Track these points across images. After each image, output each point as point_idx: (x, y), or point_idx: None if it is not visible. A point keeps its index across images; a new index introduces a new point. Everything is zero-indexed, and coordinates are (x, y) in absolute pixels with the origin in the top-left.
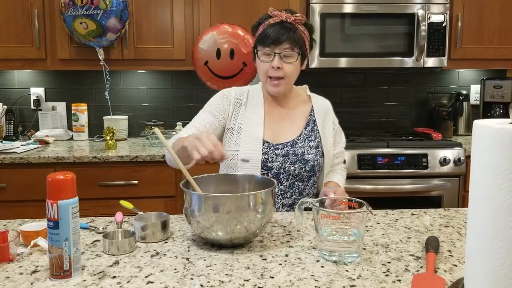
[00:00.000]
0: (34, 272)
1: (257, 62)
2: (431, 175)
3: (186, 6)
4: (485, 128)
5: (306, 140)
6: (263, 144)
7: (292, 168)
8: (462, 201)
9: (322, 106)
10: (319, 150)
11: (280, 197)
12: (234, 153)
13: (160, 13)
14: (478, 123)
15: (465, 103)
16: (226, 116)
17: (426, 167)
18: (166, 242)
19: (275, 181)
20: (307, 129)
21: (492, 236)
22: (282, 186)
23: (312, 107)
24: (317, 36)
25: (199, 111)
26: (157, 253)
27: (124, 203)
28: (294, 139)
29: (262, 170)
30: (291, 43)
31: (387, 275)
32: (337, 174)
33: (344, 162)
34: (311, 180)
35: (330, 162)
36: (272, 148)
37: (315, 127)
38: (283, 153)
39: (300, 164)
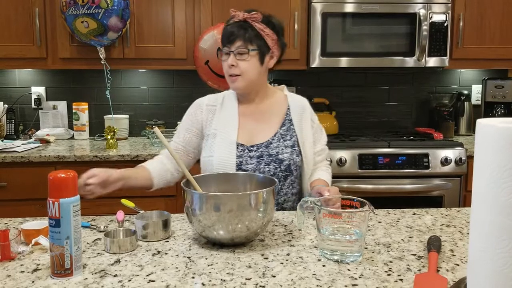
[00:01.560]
0: (35, 270)
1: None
2: (432, 175)
3: (187, 5)
4: (488, 127)
5: (281, 140)
6: (237, 147)
7: (267, 168)
8: (463, 201)
9: (299, 104)
10: (295, 149)
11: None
12: (209, 159)
13: (161, 12)
14: (481, 122)
15: (466, 103)
16: (200, 126)
17: (427, 167)
18: (168, 241)
19: (276, 180)
20: (282, 128)
21: (495, 235)
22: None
23: (289, 106)
24: (318, 35)
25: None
26: (159, 252)
27: (125, 202)
28: (268, 140)
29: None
30: (243, 41)
31: (389, 275)
32: (322, 171)
33: (331, 162)
34: (288, 179)
35: (311, 161)
36: (246, 150)
37: (291, 126)
38: (257, 154)
39: (274, 164)
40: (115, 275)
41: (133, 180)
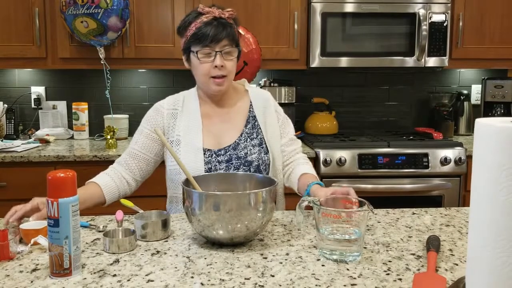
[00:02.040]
0: (34, 270)
1: (194, 64)
2: (432, 175)
3: (187, 5)
4: (487, 126)
5: (248, 139)
6: (204, 153)
7: None
8: (462, 201)
9: (261, 98)
10: (263, 147)
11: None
12: (176, 167)
13: (161, 12)
14: (480, 122)
15: (466, 103)
16: (163, 131)
17: (427, 167)
18: (167, 241)
19: (276, 179)
20: (247, 127)
21: (494, 235)
22: None
23: (251, 101)
24: (318, 35)
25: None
26: (158, 252)
27: (124, 201)
28: (235, 141)
29: None
30: (230, 40)
31: (388, 274)
32: (303, 165)
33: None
34: None
35: (280, 156)
36: (214, 155)
37: (256, 123)
38: (225, 158)
39: (244, 167)
40: (114, 275)
41: (81, 205)
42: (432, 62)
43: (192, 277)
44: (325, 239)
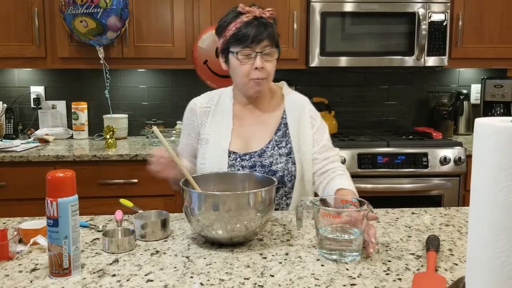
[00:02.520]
0: (33, 270)
1: (234, 65)
2: (431, 175)
3: (187, 5)
4: (487, 126)
5: (276, 148)
6: (229, 156)
7: None
8: (462, 200)
9: (296, 104)
10: (291, 157)
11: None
12: (202, 166)
13: (161, 11)
14: (480, 121)
15: (465, 103)
16: (197, 131)
17: (427, 167)
18: (166, 241)
19: (275, 179)
20: (277, 134)
21: (494, 235)
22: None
23: (285, 108)
24: (317, 35)
25: None
26: (157, 252)
27: (124, 201)
28: (263, 148)
29: None
30: (270, 41)
31: (387, 274)
32: (340, 178)
33: (343, 162)
34: (280, 191)
35: (311, 165)
36: (239, 159)
37: (287, 131)
38: (249, 164)
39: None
40: (114, 275)
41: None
42: (431, 61)
43: (191, 277)
44: (324, 239)
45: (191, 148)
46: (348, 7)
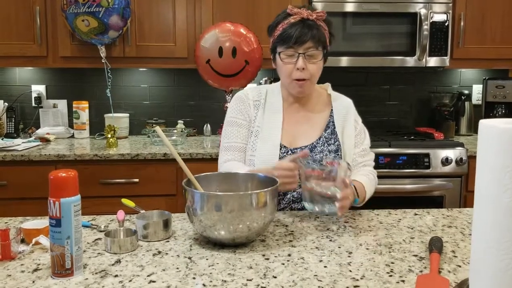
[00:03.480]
0: (35, 270)
1: (279, 64)
2: (433, 175)
3: (188, 4)
4: (491, 127)
5: (326, 144)
6: (280, 149)
7: None
8: (464, 201)
9: (342, 105)
10: (338, 154)
11: (292, 203)
12: (251, 158)
13: (162, 11)
14: (484, 123)
15: (467, 103)
16: (249, 120)
17: (428, 167)
18: (168, 241)
19: (277, 179)
20: (327, 131)
21: (498, 237)
22: (294, 193)
23: (332, 107)
24: None
25: (223, 126)
26: (159, 252)
27: (126, 201)
28: (313, 143)
29: None
30: (314, 42)
31: (390, 276)
32: (361, 175)
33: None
34: None
35: (352, 164)
36: (290, 152)
37: (335, 129)
38: None
39: None
40: (116, 275)
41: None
42: (433, 62)
43: (194, 278)
44: (308, 190)
45: (241, 140)
46: (350, 7)
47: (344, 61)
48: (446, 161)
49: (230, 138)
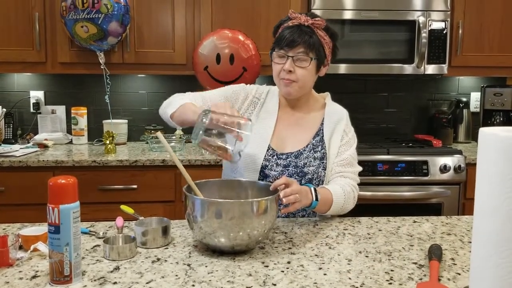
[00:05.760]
0: (34, 277)
1: (272, 64)
2: (431, 182)
3: (187, 11)
4: (491, 135)
5: (312, 151)
6: (267, 150)
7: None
8: (462, 208)
9: (336, 115)
10: (323, 162)
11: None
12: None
13: (161, 17)
14: (484, 131)
15: (465, 111)
16: (234, 102)
17: (426, 174)
18: (167, 248)
19: (279, 188)
20: (315, 139)
21: (498, 245)
22: None
23: (324, 116)
24: None
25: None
26: (158, 259)
27: (125, 208)
28: (299, 150)
29: (259, 175)
30: (305, 47)
31: (390, 283)
32: (336, 184)
33: (358, 184)
34: None
35: (330, 174)
36: (275, 157)
37: (323, 137)
38: (284, 163)
39: (297, 176)
40: (115, 283)
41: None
42: (431, 69)
43: (193, 285)
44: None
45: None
46: (348, 15)
47: (342, 68)
48: (444, 169)
49: (209, 95)
